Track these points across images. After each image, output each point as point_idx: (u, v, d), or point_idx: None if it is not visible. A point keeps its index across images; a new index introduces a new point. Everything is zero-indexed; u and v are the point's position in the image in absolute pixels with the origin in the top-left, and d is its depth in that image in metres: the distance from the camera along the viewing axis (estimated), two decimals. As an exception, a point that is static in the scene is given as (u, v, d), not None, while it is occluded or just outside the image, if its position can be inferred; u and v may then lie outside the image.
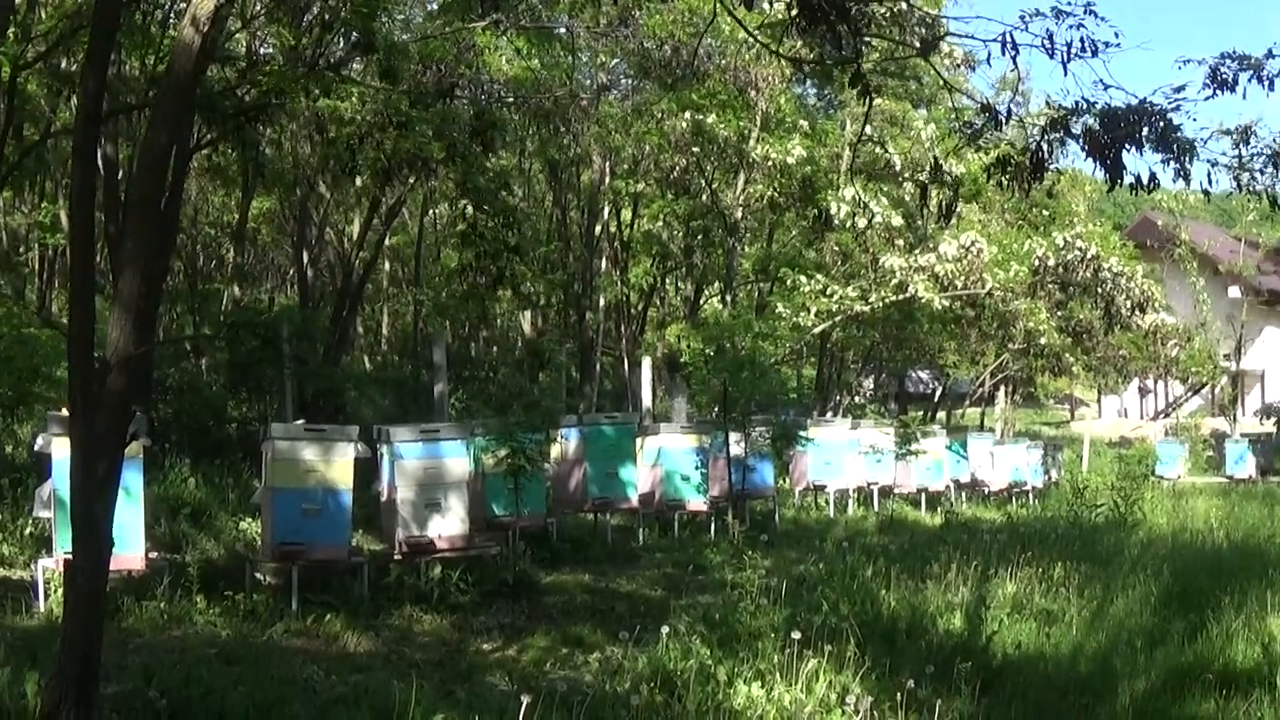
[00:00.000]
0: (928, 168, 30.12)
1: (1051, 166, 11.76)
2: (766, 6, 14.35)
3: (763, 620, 12.41)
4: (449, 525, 15.73)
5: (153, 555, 13.48)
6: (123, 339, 7.51)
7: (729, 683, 10.30)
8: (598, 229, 35.85)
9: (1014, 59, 10.77)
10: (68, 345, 7.92)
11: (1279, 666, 11.59)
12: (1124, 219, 78.29)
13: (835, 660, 10.59)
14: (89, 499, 7.71)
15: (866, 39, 11.98)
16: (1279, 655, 12.51)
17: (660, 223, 34.73)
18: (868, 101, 11.92)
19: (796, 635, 10.50)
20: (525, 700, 7.78)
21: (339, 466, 14.59)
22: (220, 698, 8.79)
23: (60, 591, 12.53)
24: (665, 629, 11.45)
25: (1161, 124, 10.93)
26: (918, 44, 14.24)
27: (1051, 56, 10.51)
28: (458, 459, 16.22)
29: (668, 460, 22.04)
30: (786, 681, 10.28)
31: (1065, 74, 10.49)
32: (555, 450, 20.47)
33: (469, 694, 10.32)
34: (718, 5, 12.12)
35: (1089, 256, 34.52)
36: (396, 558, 15.46)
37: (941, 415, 52.44)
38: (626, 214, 36.78)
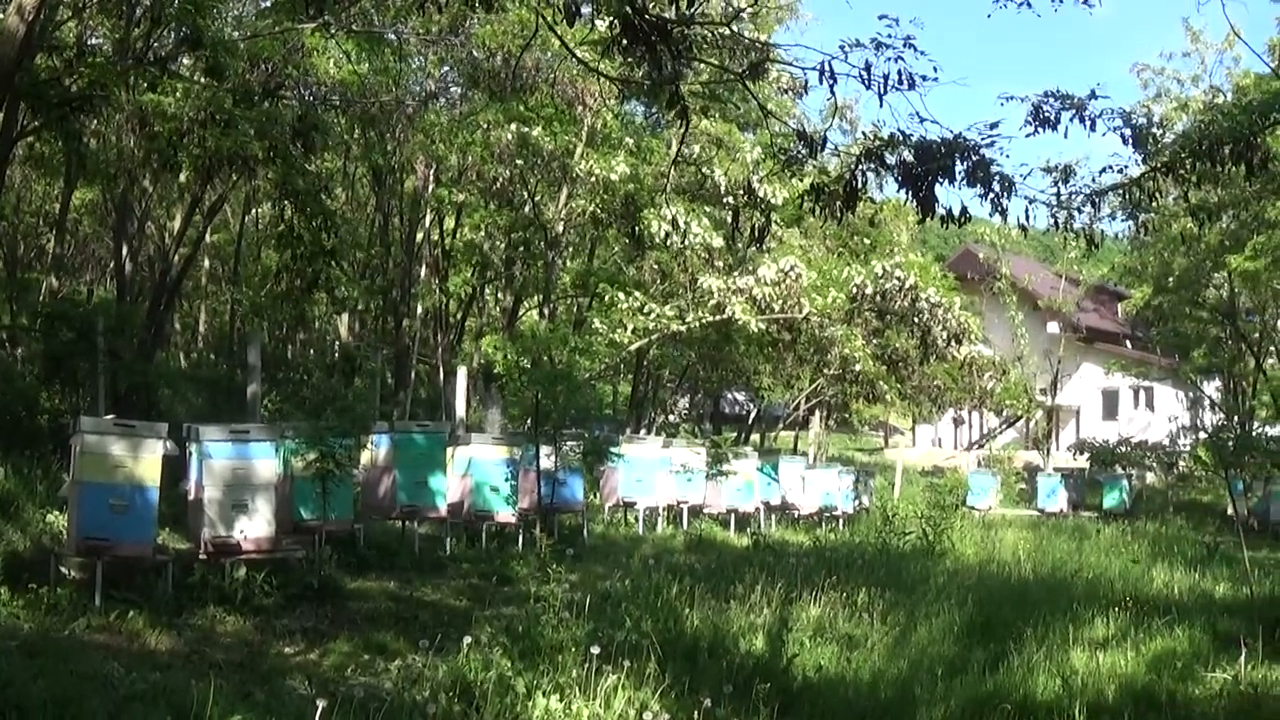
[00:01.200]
0: (743, 191, 30.46)
1: (866, 196, 12.04)
2: (597, 24, 14.48)
3: (565, 634, 12.49)
4: (255, 527, 15.67)
5: (-47, 545, 13.33)
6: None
7: (528, 695, 10.38)
8: (419, 236, 35.83)
9: (831, 88, 11.02)
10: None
11: (1078, 699, 11.91)
12: (947, 250, 79.67)
13: (635, 676, 10.73)
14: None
15: (688, 61, 12.17)
16: (1078, 688, 12.88)
17: (482, 233, 34.76)
18: (684, 123, 12.11)
19: (596, 650, 10.63)
20: (321, 704, 7.83)
21: (147, 463, 14.49)
22: (19, 691, 8.74)
23: None
24: (467, 639, 11.51)
25: (975, 158, 11.24)
26: (743, 67, 14.46)
27: (868, 87, 10.79)
28: (267, 460, 16.16)
29: (478, 471, 22.07)
30: (586, 696, 10.40)
31: (881, 105, 10.76)
32: (366, 456, 20.44)
33: (268, 696, 10.34)
34: (539, 20, 12.27)
35: (907, 286, 35.09)
36: (201, 557, 15.35)
37: (755, 437, 52.88)
38: (449, 222, 36.76)
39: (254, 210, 39.28)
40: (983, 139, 11.50)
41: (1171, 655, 15.08)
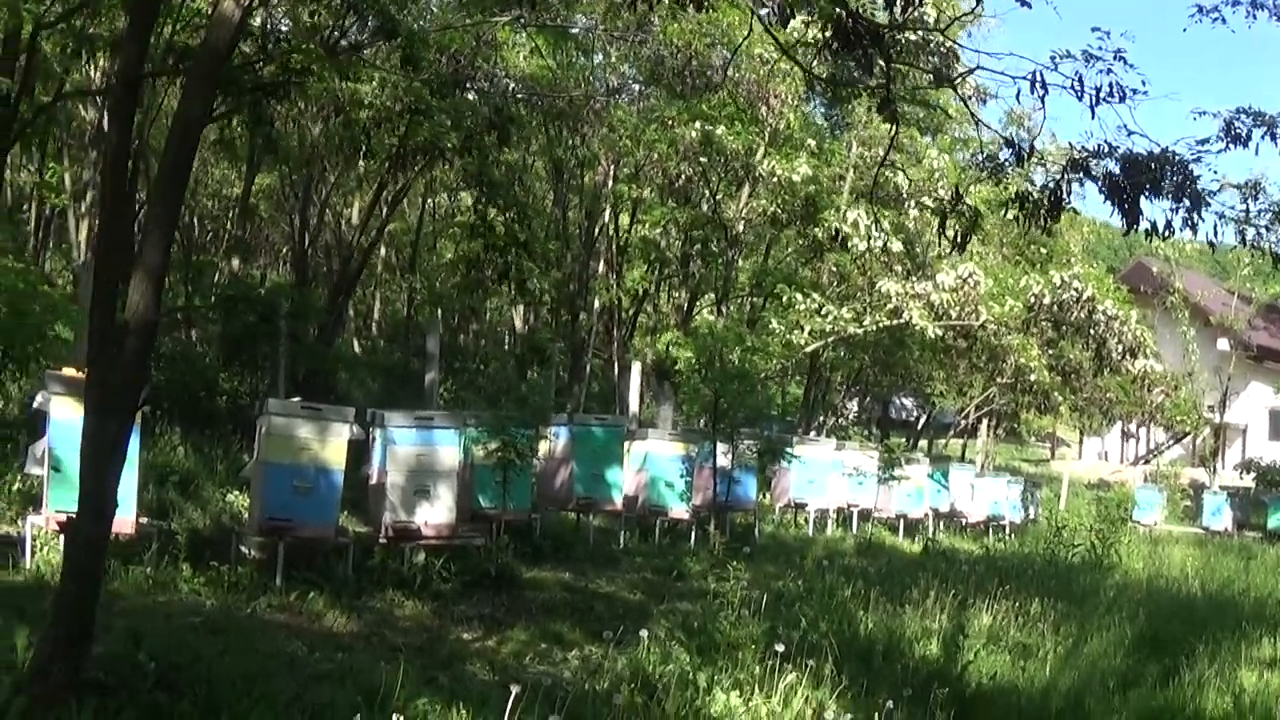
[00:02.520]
0: (948, 197, 30.25)
1: (1070, 206, 11.87)
2: (799, 25, 14.40)
3: (742, 631, 12.45)
4: (436, 513, 15.77)
5: (143, 521, 13.51)
6: (143, 303, 7.56)
7: (708, 690, 10.36)
8: (596, 231, 35.93)
9: (1042, 99, 10.86)
10: (91, 306, 7.97)
11: (1249, 717, 11.69)
12: (1117, 262, 78.55)
13: (813, 676, 10.66)
14: (98, 461, 7.77)
15: (899, 66, 12.07)
16: (1248, 707, 12.65)
17: (659, 230, 34.78)
18: (894, 127, 12.02)
19: (780, 648, 10.57)
20: (514, 690, 7.84)
21: (333, 446, 14.63)
22: (208, 666, 8.82)
23: (46, 550, 12.63)
24: (644, 633, 11.51)
25: (1182, 174, 11.04)
26: (932, 73, 14.34)
27: (1080, 99, 10.61)
28: (449, 448, 16.24)
29: (654, 466, 22.09)
30: (764, 693, 10.35)
31: (1093, 117, 10.60)
32: (543, 447, 20.53)
33: (451, 681, 10.37)
34: (753, 20, 12.20)
35: (1084, 297, 34.60)
36: (382, 541, 15.51)
37: (923, 444, 52.52)
38: (625, 218, 36.83)
39: (432, 200, 39.61)
40: (1191, 154, 11.31)
41: (1339, 679, 14.77)
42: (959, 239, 12.97)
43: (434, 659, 11.58)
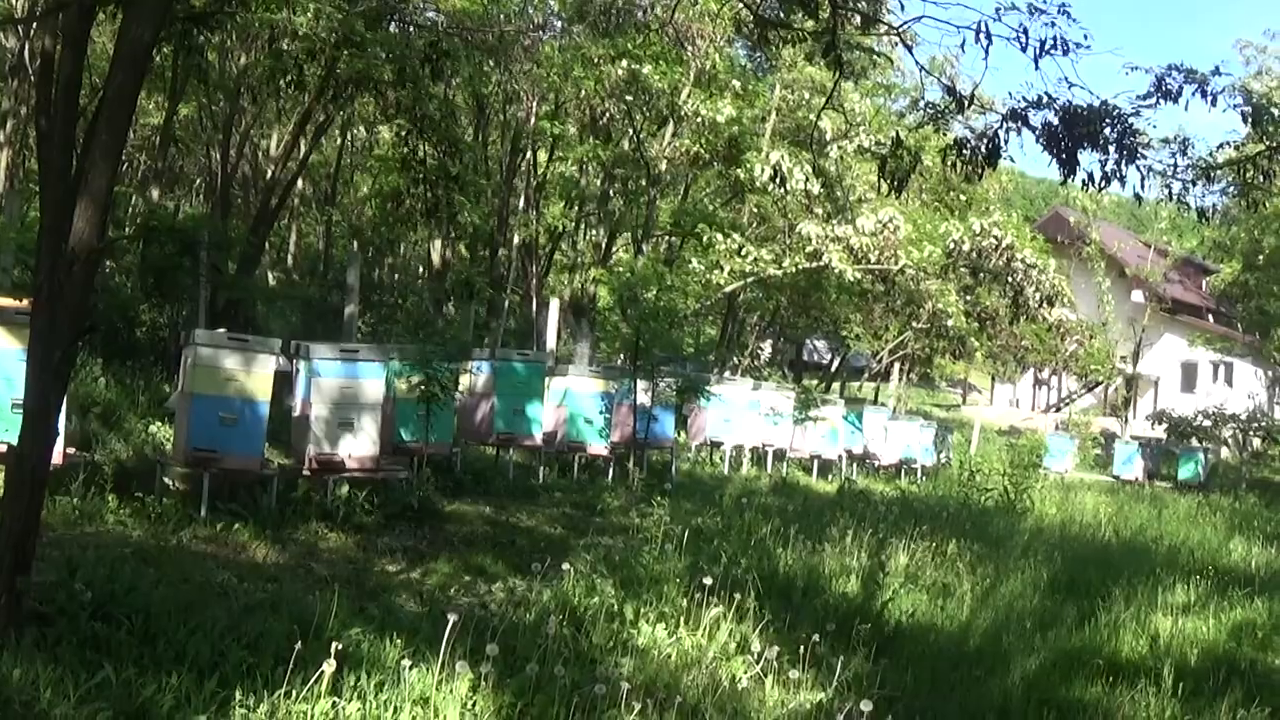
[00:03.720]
0: (875, 141, 30.44)
1: (1006, 154, 12.04)
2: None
3: (665, 566, 12.62)
4: (360, 446, 15.79)
5: (70, 452, 13.47)
6: (88, 231, 7.56)
7: (633, 622, 10.53)
8: (518, 167, 35.90)
9: (986, 50, 11.01)
10: (39, 234, 7.97)
11: (1165, 660, 11.96)
12: (1032, 212, 79.26)
13: (736, 611, 10.84)
14: (44, 388, 7.80)
15: (845, 11, 12.17)
16: (1164, 650, 12.95)
17: (578, 167, 34.79)
18: (837, 73, 12.14)
19: (708, 581, 10.76)
20: (452, 618, 7.96)
21: (259, 378, 14.63)
22: (143, 596, 8.87)
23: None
24: (568, 566, 11.65)
25: (1121, 127, 11.22)
26: (872, 19, 14.45)
27: (1024, 51, 10.76)
28: (374, 381, 16.25)
29: (573, 402, 22.18)
30: (689, 626, 10.53)
31: (1037, 69, 10.75)
32: (465, 382, 20.57)
33: (381, 611, 10.47)
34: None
35: (1003, 245, 35.01)
36: (306, 473, 15.51)
37: (836, 386, 52.88)
38: (544, 155, 36.79)
39: (350, 134, 39.41)
40: (1132, 108, 11.51)
41: (1252, 625, 15.14)
42: (896, 183, 13.11)
43: (361, 590, 11.64)
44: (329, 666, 7.27)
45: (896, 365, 53.58)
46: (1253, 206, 21.24)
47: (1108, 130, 11.35)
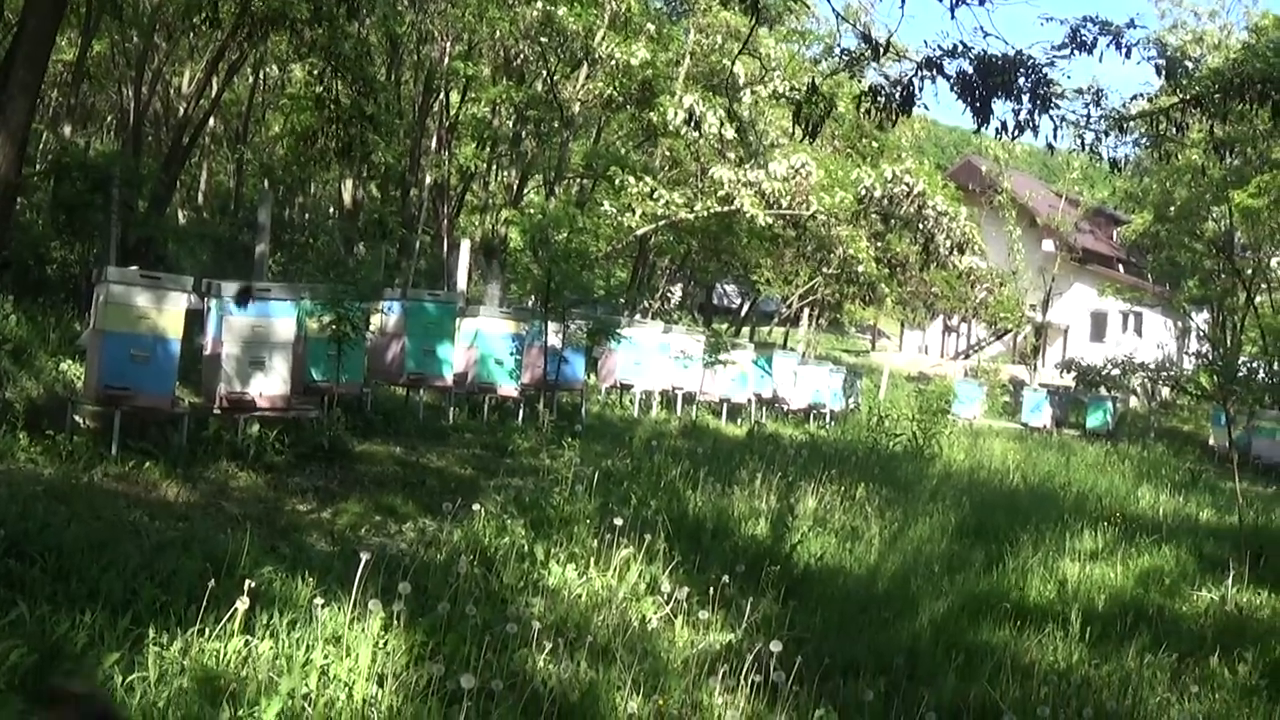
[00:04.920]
0: (789, 87, 30.52)
1: (920, 102, 12.16)
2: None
3: (575, 507, 12.71)
4: (270, 385, 15.77)
5: (-20, 388, 13.41)
6: (5, 166, 7.58)
7: (544, 563, 10.63)
8: (430, 108, 35.76)
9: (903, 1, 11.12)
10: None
11: (1073, 605, 12.19)
12: (944, 160, 79.65)
13: (646, 552, 10.96)
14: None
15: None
16: (1071, 595, 13.20)
17: (490, 109, 34.70)
18: (753, 18, 12.22)
19: (619, 522, 10.86)
20: (365, 557, 8.02)
21: (171, 315, 14.56)
22: (56, 534, 8.87)
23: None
24: (478, 506, 11.73)
25: (1035, 77, 11.36)
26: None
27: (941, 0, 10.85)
28: (285, 320, 16.19)
29: (484, 344, 22.17)
30: (600, 567, 10.64)
31: (953, 18, 10.85)
32: (375, 322, 20.56)
33: (293, 550, 10.51)
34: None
35: (915, 192, 35.24)
36: (216, 412, 15.48)
37: (746, 330, 53.08)
38: (456, 96, 36.66)
39: (263, 71, 39.10)
40: (1046, 59, 11.67)
41: (1159, 572, 15.48)
42: (811, 128, 13.21)
43: (272, 529, 11.68)
44: (242, 605, 7.32)
45: (806, 310, 53.87)
46: (1165, 158, 21.50)
47: (1022, 80, 11.52)
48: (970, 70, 11.49)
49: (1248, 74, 12.88)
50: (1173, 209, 53.54)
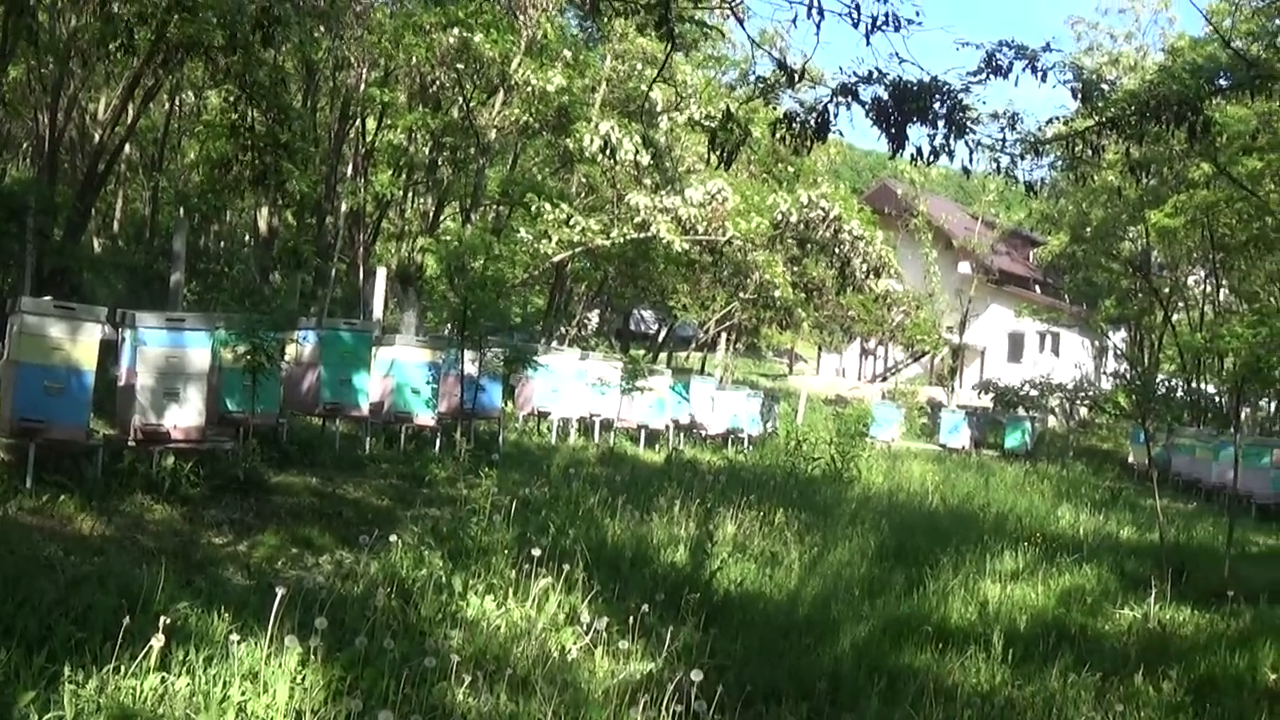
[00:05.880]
0: (706, 113, 30.67)
1: (835, 129, 12.23)
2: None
3: (493, 537, 12.71)
4: (185, 416, 15.66)
5: (-110, 421, 13.26)
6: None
7: (462, 594, 10.62)
8: (346, 134, 35.68)
9: (818, 25, 11.18)
10: None
11: (995, 626, 12.28)
12: (860, 184, 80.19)
13: (565, 581, 10.97)
14: None
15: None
16: (993, 616, 13.30)
17: (406, 136, 34.65)
18: (670, 44, 12.25)
19: (537, 552, 10.88)
20: (281, 591, 8.00)
21: (85, 346, 14.45)
22: (-33, 568, 8.82)
23: None
24: (394, 537, 11.72)
25: (951, 103, 11.45)
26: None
27: (856, 26, 10.92)
28: (200, 350, 16.09)
29: (400, 372, 22.13)
30: (518, 598, 10.64)
31: (868, 44, 10.95)
32: (291, 351, 20.44)
33: (209, 584, 10.45)
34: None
35: (831, 216, 35.44)
36: (131, 444, 15.35)
37: (664, 356, 53.15)
38: (373, 123, 36.59)
39: (178, 99, 38.88)
40: (961, 84, 11.76)
41: (1081, 591, 15.63)
42: (726, 155, 13.26)
43: (188, 563, 11.61)
44: (157, 642, 7.29)
45: (724, 335, 53.97)
46: (1081, 180, 21.79)
47: (937, 105, 11.59)
48: (885, 96, 11.57)
49: (1164, 95, 13.03)
50: (1089, 230, 54.19)
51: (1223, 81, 13.89)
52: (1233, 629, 13.98)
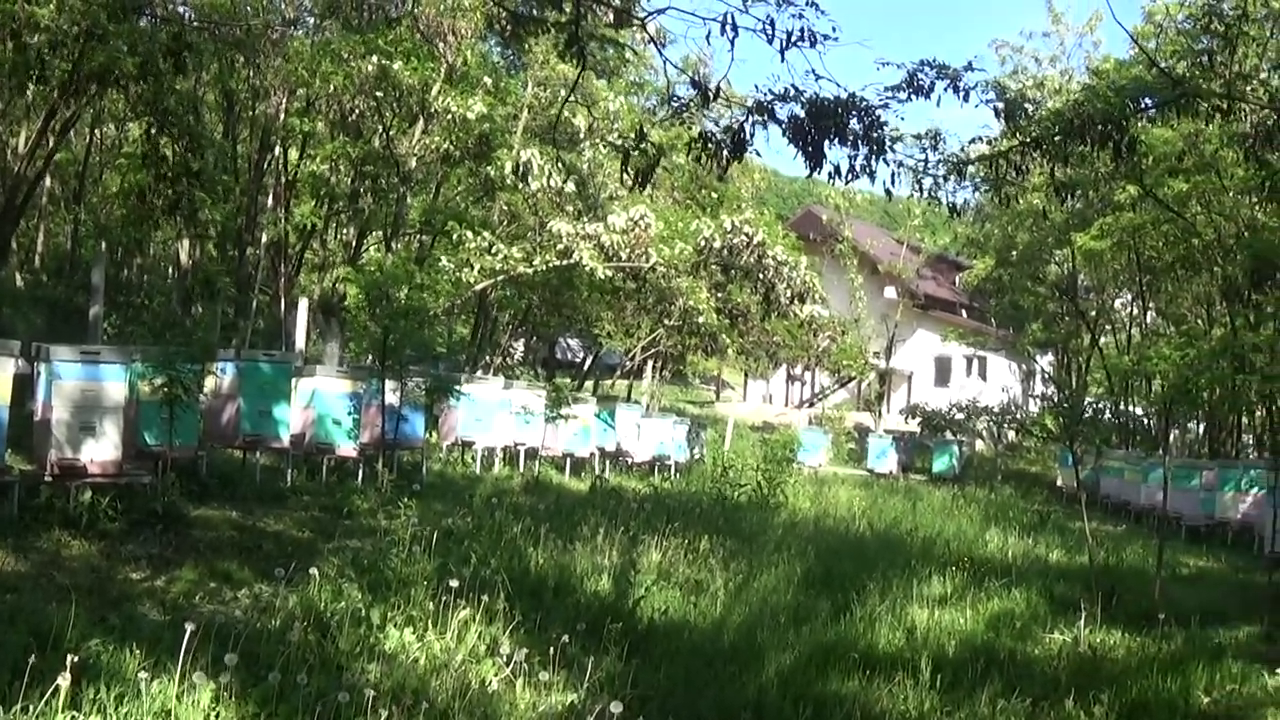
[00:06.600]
0: (628, 136, 30.71)
1: (751, 148, 12.18)
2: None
3: (413, 568, 12.62)
4: (102, 450, 15.49)
5: None
6: None
7: (381, 627, 10.53)
8: (266, 165, 35.52)
9: (732, 42, 11.14)
10: None
11: (923, 652, 12.26)
12: (786, 210, 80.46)
13: (486, 612, 10.90)
14: None
15: (586, 3, 12.22)
16: (921, 642, 13.28)
17: (328, 165, 34.50)
18: (580, 67, 12.20)
19: (455, 583, 10.79)
20: (190, 628, 7.88)
21: (-2, 381, 14.33)
22: (-125, 607, 8.68)
23: None
24: (315, 570, 11.58)
25: (868, 120, 11.43)
26: (618, 11, 14.53)
27: (770, 43, 10.90)
28: (116, 383, 15.93)
29: (321, 403, 21.95)
30: (438, 629, 10.56)
31: (783, 61, 10.89)
32: (210, 384, 20.22)
33: (122, 621, 10.31)
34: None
35: (755, 242, 35.48)
36: (47, 479, 15.17)
37: (590, 384, 53.11)
38: (295, 153, 36.44)
39: (99, 130, 38.63)
40: (879, 100, 11.75)
41: (1010, 616, 15.66)
42: (640, 177, 13.19)
43: (103, 599, 11.46)
44: (64, 681, 7.16)
45: (650, 363, 53.97)
46: (1005, 202, 21.85)
47: (855, 123, 11.57)
48: (801, 114, 11.54)
49: (1088, 115, 13.05)
50: (1014, 253, 54.51)
51: (1148, 100, 13.92)
52: (1164, 652, 14.05)
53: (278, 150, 35.33)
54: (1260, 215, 34.92)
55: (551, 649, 9.89)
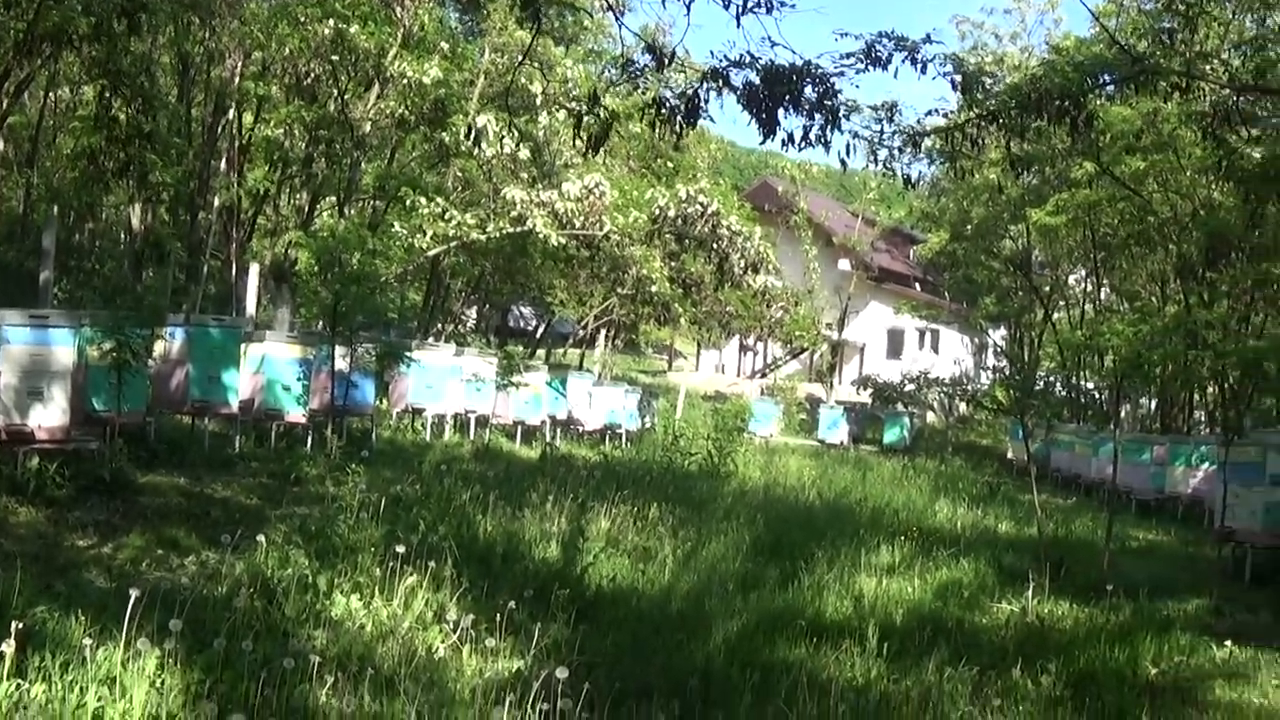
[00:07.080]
0: (585, 99, 30.61)
1: (705, 115, 12.16)
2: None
3: (361, 535, 12.64)
4: (50, 415, 15.39)
5: None
6: None
7: (328, 593, 10.53)
8: (219, 128, 35.33)
9: (688, 7, 11.11)
10: None
11: (870, 621, 12.31)
12: (742, 181, 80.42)
13: (433, 579, 10.91)
14: None
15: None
16: (868, 610, 13.34)
17: (282, 129, 34.33)
18: (534, 29, 12.18)
19: (401, 549, 10.78)
20: (134, 593, 7.87)
21: (-56, 347, 14.24)
22: None
23: None
24: (262, 537, 11.56)
25: (823, 87, 11.41)
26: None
27: (726, 8, 10.86)
28: (65, 348, 15.80)
29: (270, 369, 21.87)
30: (385, 596, 10.56)
31: (739, 27, 10.84)
32: (159, 348, 20.09)
33: (69, 588, 10.28)
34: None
35: (709, 212, 35.44)
36: (-7, 445, 15.13)
37: (542, 352, 53.09)
38: (248, 117, 36.25)
39: (53, 94, 38.35)
40: (835, 68, 11.75)
41: (958, 585, 15.74)
42: (593, 142, 13.16)
43: (50, 566, 11.41)
44: (8, 648, 7.13)
45: (602, 331, 53.94)
46: (961, 175, 21.88)
47: (809, 91, 11.56)
48: (756, 81, 11.53)
49: (1046, 89, 13.04)
50: (969, 228, 54.57)
51: (1107, 77, 13.93)
52: (1112, 623, 14.14)
53: (232, 114, 35.14)
54: (1217, 194, 35.00)
55: (499, 615, 9.90)
